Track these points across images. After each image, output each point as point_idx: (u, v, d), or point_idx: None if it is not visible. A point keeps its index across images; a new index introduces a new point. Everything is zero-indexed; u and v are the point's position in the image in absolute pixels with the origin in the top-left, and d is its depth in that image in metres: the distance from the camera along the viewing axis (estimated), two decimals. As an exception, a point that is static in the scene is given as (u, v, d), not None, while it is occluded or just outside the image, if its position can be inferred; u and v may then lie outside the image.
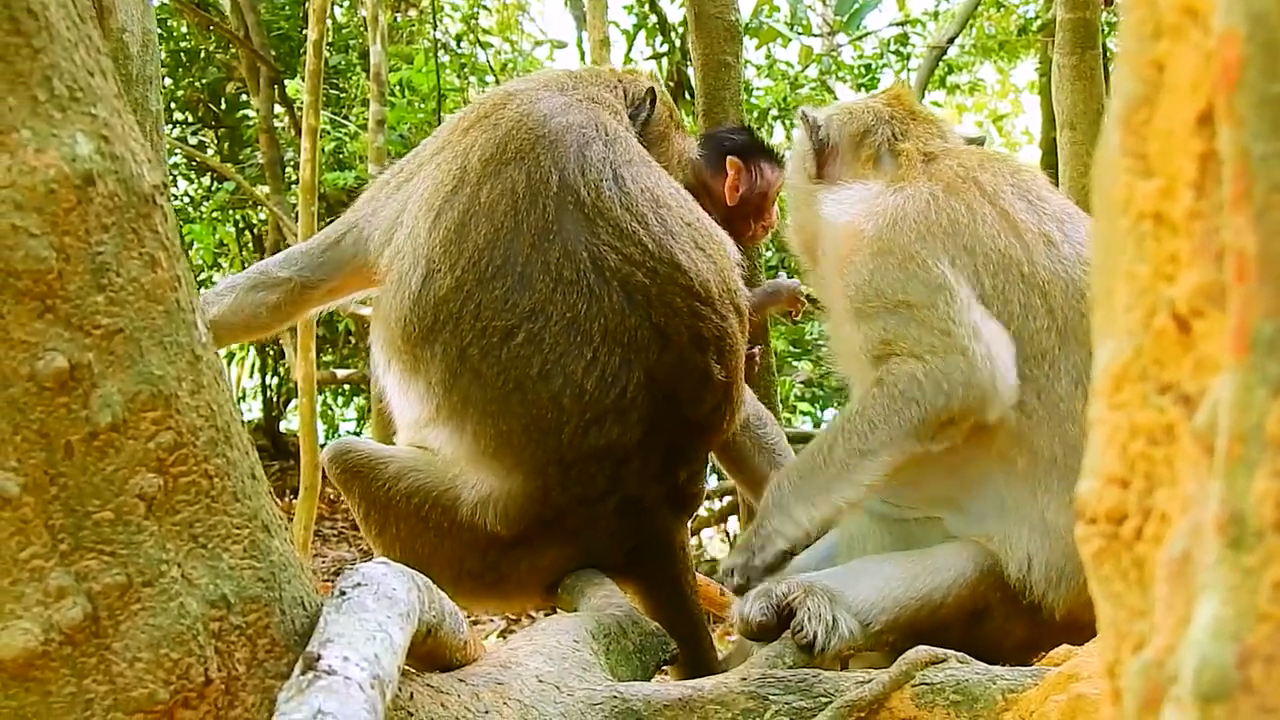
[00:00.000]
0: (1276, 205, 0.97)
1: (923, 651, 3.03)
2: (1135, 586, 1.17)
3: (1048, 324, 3.86)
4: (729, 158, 5.74)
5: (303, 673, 1.98)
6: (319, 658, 2.01)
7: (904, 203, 4.10)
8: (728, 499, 12.24)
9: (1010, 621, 3.85)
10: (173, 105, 15.42)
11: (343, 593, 2.26)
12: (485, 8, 17.39)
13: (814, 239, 4.50)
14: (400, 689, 2.48)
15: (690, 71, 10.29)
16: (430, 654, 2.71)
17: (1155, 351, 1.13)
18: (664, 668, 3.98)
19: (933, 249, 3.94)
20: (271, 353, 15.82)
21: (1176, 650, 1.06)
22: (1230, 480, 0.99)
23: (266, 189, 14.17)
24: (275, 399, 16.45)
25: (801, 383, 13.59)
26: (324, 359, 14.95)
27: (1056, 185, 8.59)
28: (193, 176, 16.01)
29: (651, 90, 5.05)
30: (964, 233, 3.97)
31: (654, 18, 15.05)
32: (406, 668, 2.51)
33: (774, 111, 15.03)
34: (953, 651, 3.05)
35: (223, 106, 15.86)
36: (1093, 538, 1.20)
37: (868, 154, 4.48)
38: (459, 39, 16.58)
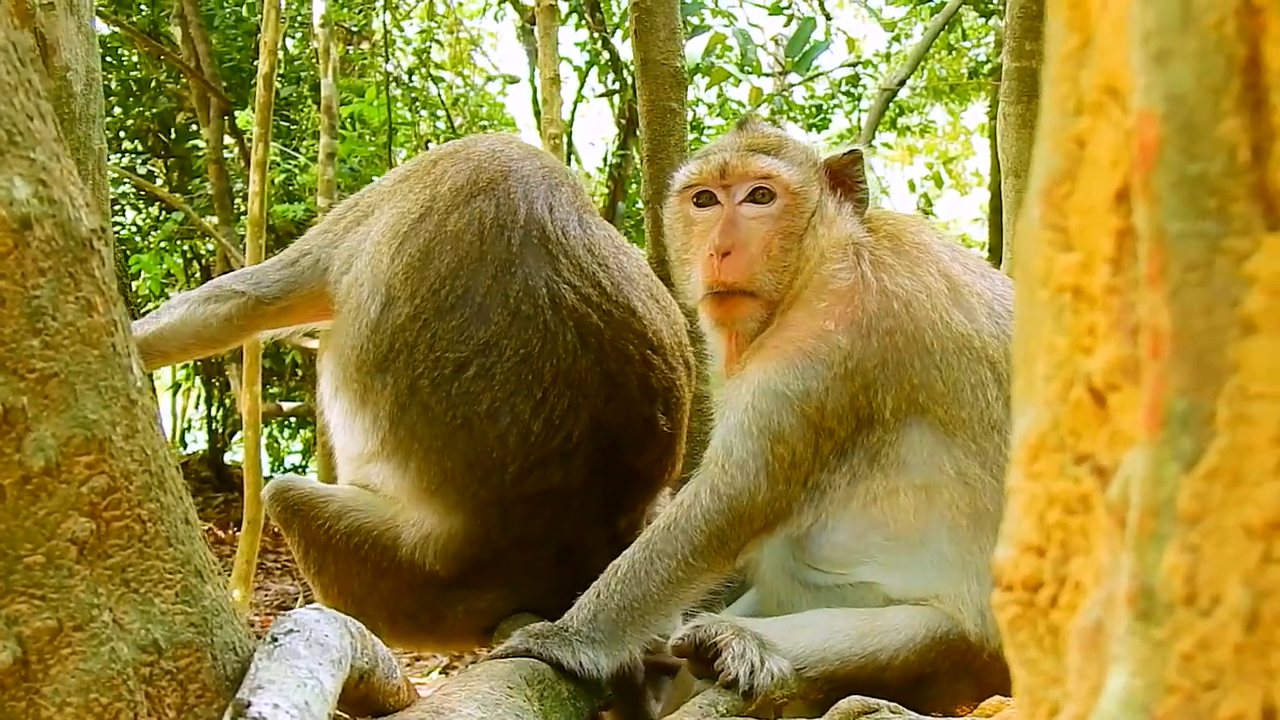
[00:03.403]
0: (1191, 284, 0.99)
1: (855, 701, 3.03)
2: (1050, 653, 1.18)
3: (996, 393, 3.78)
4: None
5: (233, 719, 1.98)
6: (249, 704, 2.01)
7: (878, 308, 3.87)
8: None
9: (955, 686, 3.83)
10: (122, 134, 15.39)
11: (274, 639, 2.26)
12: (438, 42, 17.41)
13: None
14: (332, 735, 2.47)
15: (641, 111, 10.28)
16: (363, 699, 2.70)
17: (1072, 423, 1.14)
18: (599, 714, 3.96)
19: (889, 378, 3.82)
20: (217, 384, 15.78)
21: (1088, 719, 1.07)
22: (1140, 554, 1.01)
23: (215, 220, 14.13)
24: (220, 430, 16.38)
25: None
26: (270, 391, 14.92)
27: (1002, 230, 8.65)
28: (141, 206, 15.97)
29: None
30: (925, 330, 3.84)
31: (606, 55, 15.08)
32: (339, 713, 2.51)
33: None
34: (884, 702, 3.05)
35: (172, 136, 15.84)
36: (1009, 604, 1.22)
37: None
38: (411, 73, 16.58)
